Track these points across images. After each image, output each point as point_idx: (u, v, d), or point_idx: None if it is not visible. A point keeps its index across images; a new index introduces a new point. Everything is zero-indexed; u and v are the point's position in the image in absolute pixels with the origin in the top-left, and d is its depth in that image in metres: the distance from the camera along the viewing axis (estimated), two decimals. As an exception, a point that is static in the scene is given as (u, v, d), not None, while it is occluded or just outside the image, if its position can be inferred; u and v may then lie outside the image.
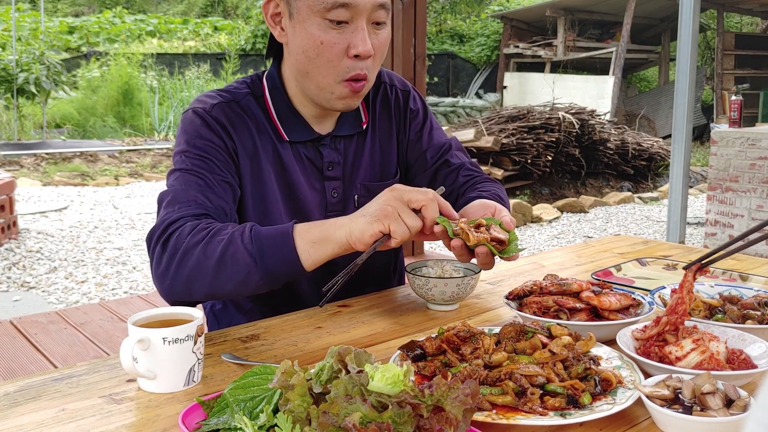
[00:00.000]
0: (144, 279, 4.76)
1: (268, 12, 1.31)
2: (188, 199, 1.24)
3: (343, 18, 1.23)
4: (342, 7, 1.21)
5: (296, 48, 1.28)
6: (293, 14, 1.26)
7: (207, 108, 1.34)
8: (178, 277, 1.17)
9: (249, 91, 1.40)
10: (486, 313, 1.36)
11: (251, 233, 1.15)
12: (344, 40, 1.25)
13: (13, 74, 10.15)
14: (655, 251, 1.86)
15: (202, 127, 1.32)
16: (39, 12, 15.61)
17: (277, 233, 1.15)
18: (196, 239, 1.16)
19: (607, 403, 0.90)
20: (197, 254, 1.15)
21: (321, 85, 1.29)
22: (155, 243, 1.20)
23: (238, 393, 0.84)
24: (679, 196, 5.46)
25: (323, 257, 1.15)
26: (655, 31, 14.25)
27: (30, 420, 0.92)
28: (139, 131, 11.92)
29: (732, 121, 5.99)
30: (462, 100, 13.47)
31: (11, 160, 9.24)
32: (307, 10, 1.23)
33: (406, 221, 1.13)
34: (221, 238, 1.15)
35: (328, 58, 1.26)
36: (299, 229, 1.15)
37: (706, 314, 1.21)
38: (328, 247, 1.14)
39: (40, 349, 2.72)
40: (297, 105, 1.40)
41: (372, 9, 1.24)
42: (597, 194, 8.47)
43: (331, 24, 1.23)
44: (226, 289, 1.17)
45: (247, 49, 16.29)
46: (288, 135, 1.39)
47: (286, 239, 1.14)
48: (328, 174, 1.42)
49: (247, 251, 1.13)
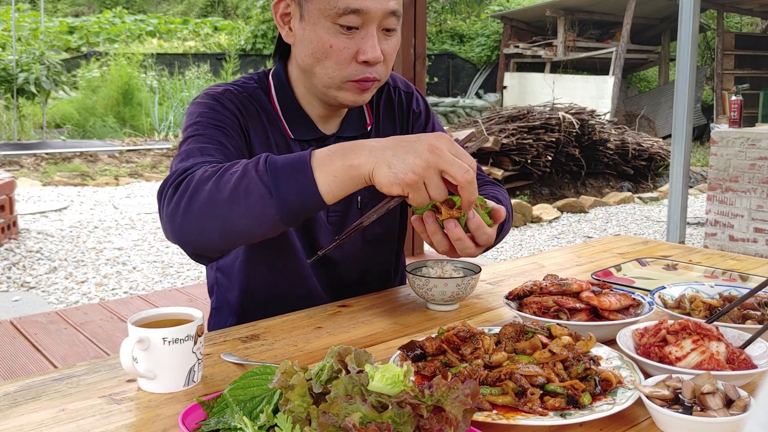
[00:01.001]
0: (144, 279, 4.76)
1: (278, 12, 1.31)
2: (203, 154, 1.20)
3: (354, 24, 1.22)
4: (353, 13, 1.21)
5: (304, 49, 1.28)
6: (304, 16, 1.25)
7: (219, 91, 1.35)
8: (189, 213, 1.07)
9: (257, 85, 1.40)
10: (486, 313, 1.36)
11: (266, 163, 1.05)
12: (353, 46, 1.24)
13: (13, 74, 10.15)
14: (655, 251, 1.86)
15: (215, 104, 1.32)
16: (39, 12, 15.61)
17: (295, 162, 1.04)
18: (208, 174, 1.08)
19: (607, 403, 0.90)
20: (209, 188, 1.06)
21: (327, 84, 1.29)
22: (167, 188, 1.12)
23: (238, 393, 0.84)
24: (679, 196, 5.46)
25: (346, 192, 1.04)
26: (655, 31, 14.25)
27: (30, 420, 0.92)
28: (139, 131, 11.92)
29: (732, 121, 5.99)
30: (462, 100, 13.47)
31: (11, 160, 9.24)
32: (318, 14, 1.23)
33: (430, 193, 1.01)
34: (235, 170, 1.06)
35: (336, 61, 1.25)
36: (318, 158, 1.03)
37: (706, 314, 1.21)
38: (351, 183, 1.03)
39: (40, 349, 2.72)
40: (303, 104, 1.39)
41: (383, 16, 1.24)
42: (597, 194, 8.47)
43: (341, 29, 1.23)
44: (241, 225, 1.06)
45: (247, 49, 16.28)
46: (293, 133, 1.39)
47: (304, 169, 1.02)
48: None
49: (262, 182, 1.03)
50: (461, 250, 1.14)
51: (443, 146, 1.00)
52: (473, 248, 1.15)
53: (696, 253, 1.85)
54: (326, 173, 1.02)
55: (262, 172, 1.04)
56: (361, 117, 1.47)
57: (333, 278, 1.48)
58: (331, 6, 1.21)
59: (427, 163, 0.98)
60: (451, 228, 1.12)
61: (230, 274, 1.47)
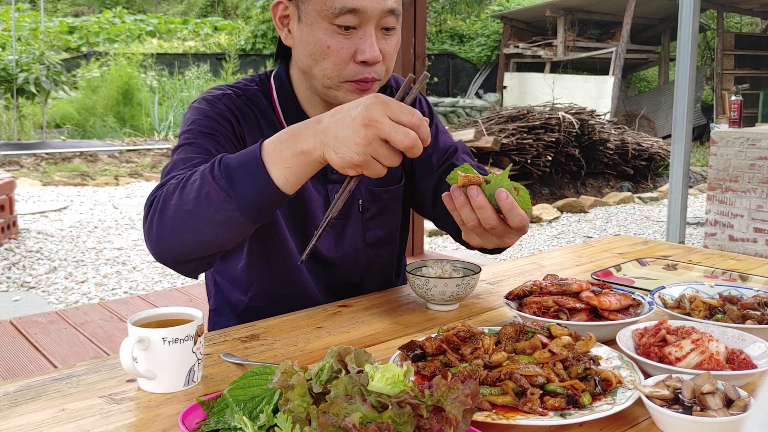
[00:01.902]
0: (144, 279, 4.76)
1: (277, 14, 1.31)
2: (186, 165, 1.19)
3: (351, 23, 1.21)
4: (350, 12, 1.20)
5: (303, 50, 1.27)
6: (302, 17, 1.25)
7: (216, 96, 1.34)
8: (161, 231, 1.09)
9: (258, 88, 1.40)
10: (486, 313, 1.36)
11: (221, 167, 1.05)
12: (351, 46, 1.23)
13: (13, 74, 10.15)
14: (655, 251, 1.86)
15: (210, 111, 1.31)
16: (39, 12, 15.61)
17: (248, 160, 1.04)
18: (172, 188, 1.09)
19: (607, 403, 0.90)
20: (174, 203, 1.07)
21: (326, 84, 1.29)
22: (144, 207, 1.14)
23: (238, 393, 0.84)
24: (679, 196, 5.46)
25: (305, 178, 1.04)
26: (655, 31, 14.25)
27: (30, 420, 0.92)
28: (139, 131, 11.92)
29: (732, 121, 5.99)
30: (462, 100, 13.47)
31: (11, 160, 9.24)
32: (315, 15, 1.22)
33: (384, 163, 0.98)
34: (194, 179, 1.07)
35: (334, 61, 1.24)
36: (269, 150, 1.03)
37: (706, 314, 1.21)
38: (307, 169, 1.03)
39: (39, 349, 2.72)
40: (305, 106, 1.39)
41: (381, 15, 1.23)
42: (597, 194, 8.47)
43: (338, 29, 1.22)
44: (211, 233, 1.07)
45: (246, 49, 16.28)
46: None
47: (257, 166, 1.03)
48: (332, 177, 1.41)
49: (220, 187, 1.03)
50: (485, 221, 1.08)
51: (378, 114, 0.96)
52: (495, 220, 1.09)
53: (696, 253, 1.85)
54: (279, 166, 1.02)
55: (219, 177, 1.04)
56: None
57: (333, 281, 1.48)
58: (328, 6, 1.20)
59: (366, 140, 0.96)
60: (474, 196, 1.07)
61: (230, 276, 1.47)
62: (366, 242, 1.49)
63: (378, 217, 1.49)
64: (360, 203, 1.45)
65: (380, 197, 1.47)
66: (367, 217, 1.47)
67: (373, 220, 1.48)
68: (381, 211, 1.49)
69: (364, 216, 1.47)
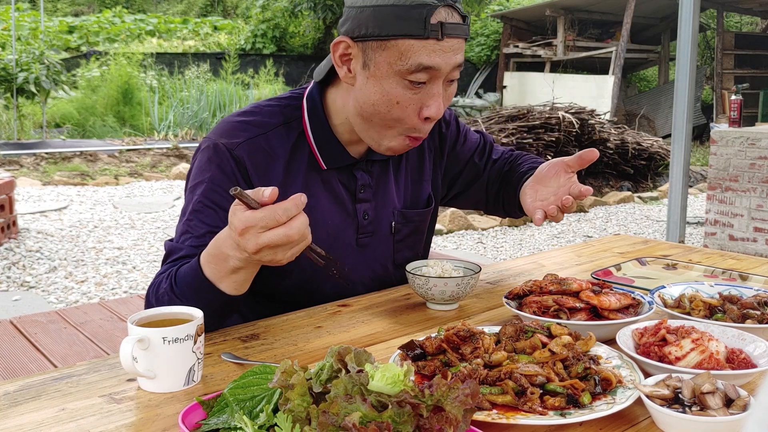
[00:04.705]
0: (144, 279, 4.76)
1: (337, 51, 1.25)
2: (175, 258, 1.25)
3: (422, 80, 1.20)
4: (424, 70, 1.19)
5: (366, 98, 1.24)
6: (369, 66, 1.22)
7: (230, 146, 1.30)
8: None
9: (282, 120, 1.35)
10: (486, 312, 1.36)
11: (179, 288, 1.17)
12: (419, 101, 1.23)
13: (13, 74, 10.14)
14: (654, 251, 1.86)
15: (217, 173, 1.29)
16: (39, 11, 15.61)
17: (198, 282, 1.14)
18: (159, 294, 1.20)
19: (607, 402, 0.90)
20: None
21: (381, 134, 1.28)
22: (148, 290, 1.26)
23: (238, 392, 0.84)
24: (679, 195, 5.46)
25: (251, 277, 1.15)
26: (655, 30, 14.24)
27: (30, 420, 0.92)
28: (138, 131, 11.91)
29: (732, 120, 5.99)
30: (462, 100, 13.46)
31: (11, 159, 9.23)
32: (387, 68, 1.20)
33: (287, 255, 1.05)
34: (167, 295, 1.18)
35: (399, 116, 1.24)
36: (208, 273, 1.13)
37: (706, 314, 1.21)
38: (249, 274, 1.14)
39: (39, 348, 2.72)
40: (337, 132, 1.36)
41: (451, 70, 1.23)
42: (597, 194, 8.47)
43: (409, 84, 1.20)
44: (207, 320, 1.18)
45: (246, 49, 16.28)
46: (326, 162, 1.36)
47: (207, 285, 1.14)
48: (361, 196, 1.41)
49: (186, 304, 1.13)
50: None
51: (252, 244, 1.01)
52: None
53: (696, 253, 1.85)
54: (225, 283, 1.13)
55: (182, 298, 1.16)
56: None
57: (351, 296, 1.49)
58: (403, 62, 1.18)
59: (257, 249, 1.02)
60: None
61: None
62: (395, 263, 1.51)
63: (407, 239, 1.52)
64: (392, 225, 1.47)
65: (411, 219, 1.51)
66: (398, 238, 1.49)
67: (402, 241, 1.51)
68: (411, 233, 1.52)
69: (395, 237, 1.49)
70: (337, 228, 1.40)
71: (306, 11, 16.23)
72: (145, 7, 21.82)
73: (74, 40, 16.43)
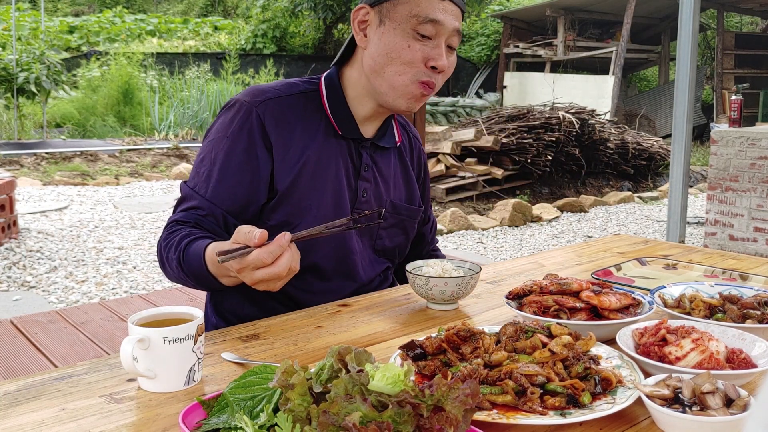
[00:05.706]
0: (144, 278, 4.76)
1: (357, 18, 1.42)
2: (188, 207, 1.40)
3: (429, 33, 1.37)
4: (431, 23, 1.36)
5: (379, 50, 1.39)
6: (384, 22, 1.38)
7: (253, 103, 1.41)
8: (169, 276, 1.39)
9: (302, 89, 1.48)
10: (486, 312, 1.37)
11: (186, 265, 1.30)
12: (426, 51, 1.38)
13: (14, 74, 10.14)
14: (655, 251, 1.86)
15: (237, 127, 1.40)
16: (39, 11, 15.61)
17: (202, 271, 1.27)
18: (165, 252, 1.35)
19: (607, 402, 0.90)
20: (167, 270, 1.38)
21: (395, 83, 1.39)
22: (156, 248, 1.41)
23: (238, 392, 0.84)
24: (679, 195, 5.46)
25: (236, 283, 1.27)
26: (655, 30, 14.25)
27: (30, 419, 0.92)
28: (139, 131, 11.92)
29: (732, 120, 5.99)
30: (462, 100, 13.46)
31: (11, 159, 9.23)
32: (400, 19, 1.36)
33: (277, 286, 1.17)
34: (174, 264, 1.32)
35: (409, 60, 1.37)
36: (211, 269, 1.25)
37: (706, 314, 1.21)
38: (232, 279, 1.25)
39: (40, 348, 2.72)
40: (352, 106, 1.48)
41: (451, 32, 1.40)
42: (597, 194, 8.47)
43: (417, 36, 1.37)
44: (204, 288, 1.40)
45: (247, 49, 16.28)
46: (341, 129, 1.47)
47: (210, 277, 1.27)
48: (364, 174, 1.50)
49: (191, 281, 1.33)
50: None
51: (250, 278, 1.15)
52: None
53: (696, 253, 1.85)
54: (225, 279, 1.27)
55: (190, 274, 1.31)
56: (392, 132, 1.57)
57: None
58: (415, 13, 1.36)
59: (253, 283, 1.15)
60: None
61: None
62: (375, 249, 1.57)
63: (390, 229, 1.57)
64: (383, 213, 1.52)
65: (400, 212, 1.58)
66: (383, 226, 1.56)
67: (385, 230, 1.57)
68: (395, 225, 1.58)
69: (381, 224, 1.55)
70: (339, 195, 1.46)
71: (306, 11, 16.24)
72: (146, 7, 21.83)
73: (75, 40, 16.43)
